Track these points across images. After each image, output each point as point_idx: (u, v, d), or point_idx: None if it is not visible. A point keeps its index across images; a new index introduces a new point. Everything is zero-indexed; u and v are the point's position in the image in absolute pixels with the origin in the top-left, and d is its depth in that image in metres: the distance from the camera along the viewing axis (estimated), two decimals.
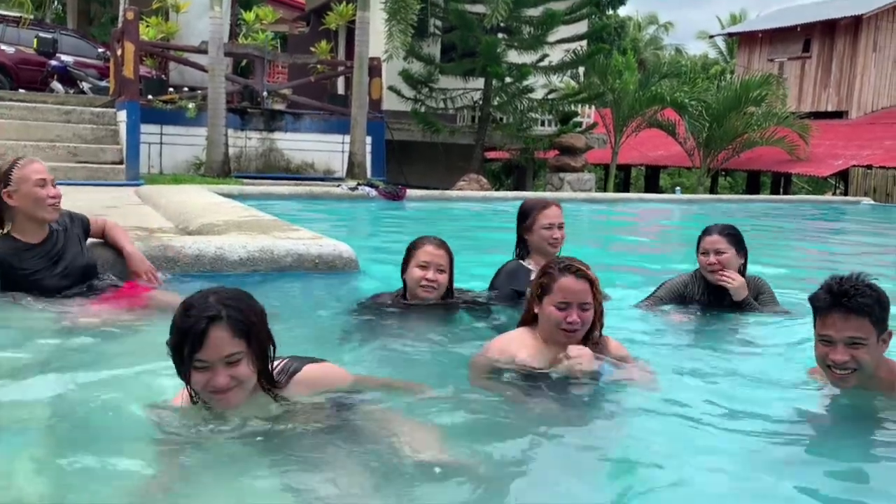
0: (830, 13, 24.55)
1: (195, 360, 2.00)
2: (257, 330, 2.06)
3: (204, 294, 2.05)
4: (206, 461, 2.02)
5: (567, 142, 17.06)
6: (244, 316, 2.04)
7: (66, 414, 2.36)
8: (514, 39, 17.03)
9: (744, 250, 3.91)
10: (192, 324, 1.98)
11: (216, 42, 12.28)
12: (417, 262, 3.50)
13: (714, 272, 3.85)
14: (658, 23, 41.48)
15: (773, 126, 19.99)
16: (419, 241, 3.58)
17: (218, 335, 1.98)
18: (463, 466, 2.01)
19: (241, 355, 2.02)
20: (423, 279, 3.48)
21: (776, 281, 4.21)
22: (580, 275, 2.72)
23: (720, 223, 4.00)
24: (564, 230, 3.96)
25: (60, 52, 15.54)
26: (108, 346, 3.13)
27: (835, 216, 13.80)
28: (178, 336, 2.01)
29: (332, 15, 15.99)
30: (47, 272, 3.58)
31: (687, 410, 2.55)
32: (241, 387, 2.05)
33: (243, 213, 6.07)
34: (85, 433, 2.22)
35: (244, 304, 2.07)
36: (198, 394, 2.09)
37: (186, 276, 4.18)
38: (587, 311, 2.72)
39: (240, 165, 13.41)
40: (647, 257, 7.09)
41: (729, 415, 2.57)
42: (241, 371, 2.03)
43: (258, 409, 2.15)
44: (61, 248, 3.66)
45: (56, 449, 2.14)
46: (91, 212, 4.21)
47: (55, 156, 11.46)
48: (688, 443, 2.32)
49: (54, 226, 3.68)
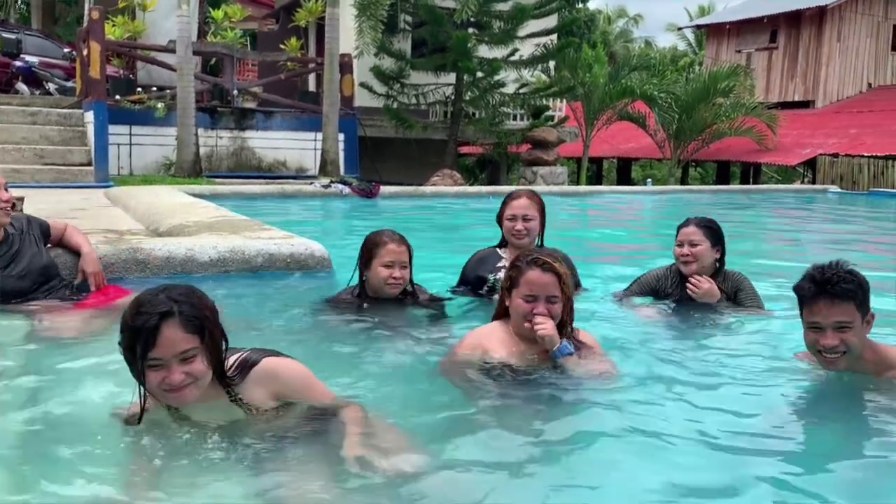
0: (795, 4, 24.88)
1: (149, 358, 1.96)
2: (210, 325, 2.03)
3: (153, 291, 2.01)
4: (165, 463, 2.01)
5: (539, 136, 17.14)
6: (196, 311, 2.00)
7: (32, 421, 2.34)
8: (485, 34, 17.06)
9: (720, 244, 3.86)
10: (144, 321, 1.94)
11: (184, 41, 12.15)
12: (382, 262, 3.52)
13: (686, 263, 3.85)
14: (628, 16, 41.75)
15: (742, 116, 20.25)
16: (378, 238, 3.58)
17: (171, 332, 1.95)
18: (431, 467, 2.02)
19: (195, 351, 1.99)
20: (389, 277, 3.52)
21: (751, 271, 4.21)
22: (546, 268, 2.74)
23: (699, 216, 3.96)
24: (536, 222, 3.94)
25: (25, 53, 15.29)
26: (75, 352, 3.10)
27: (803, 204, 14.02)
28: (129, 335, 1.97)
29: (302, 12, 15.89)
30: (3, 273, 3.54)
31: (653, 409, 2.57)
32: (196, 383, 2.02)
33: (214, 214, 6.03)
34: (51, 442, 2.21)
35: (195, 299, 2.03)
36: (150, 393, 2.05)
37: (157, 279, 4.16)
38: (555, 304, 2.74)
39: (211, 165, 13.29)
40: (619, 250, 7.17)
41: (699, 405, 2.61)
42: (196, 367, 2.00)
43: (215, 407, 2.12)
44: (16, 250, 3.62)
45: (24, 457, 2.12)
46: (60, 214, 4.17)
47: (21, 158, 11.29)
48: (657, 441, 2.32)
49: (9, 229, 3.65)
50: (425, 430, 2.33)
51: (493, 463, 2.13)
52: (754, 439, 2.35)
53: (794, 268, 3.14)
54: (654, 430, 2.37)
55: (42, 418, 2.37)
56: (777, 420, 2.53)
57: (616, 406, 2.55)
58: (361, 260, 3.61)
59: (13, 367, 2.84)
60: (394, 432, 2.22)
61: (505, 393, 2.61)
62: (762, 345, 3.35)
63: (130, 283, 4.00)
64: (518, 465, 2.12)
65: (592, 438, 2.32)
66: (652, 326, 3.69)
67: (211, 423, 2.13)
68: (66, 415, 2.39)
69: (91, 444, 2.15)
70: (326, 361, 2.93)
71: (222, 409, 2.14)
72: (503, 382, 2.68)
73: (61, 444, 2.15)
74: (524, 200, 3.96)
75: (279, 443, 2.09)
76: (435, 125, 17.49)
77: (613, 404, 2.57)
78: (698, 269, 3.85)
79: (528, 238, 3.92)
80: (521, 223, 3.92)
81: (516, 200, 3.96)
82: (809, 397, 2.80)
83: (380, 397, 2.58)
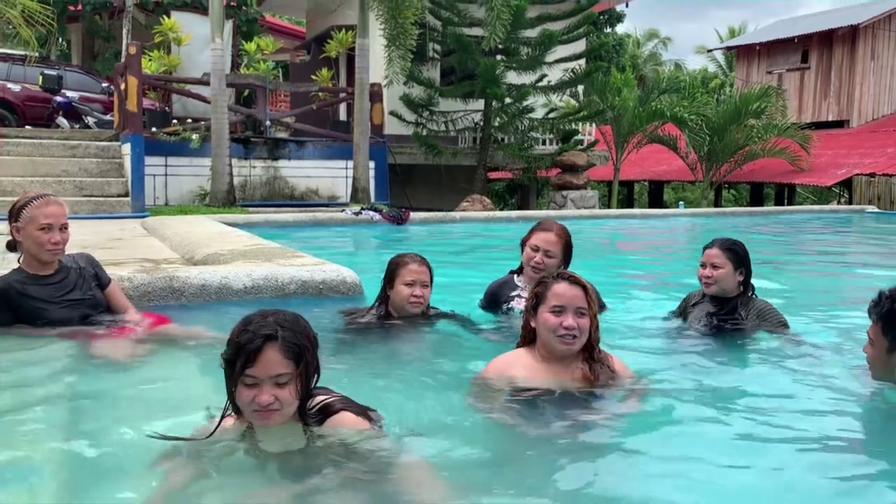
0: (827, 24, 24.69)
1: (245, 374, 2.06)
2: (308, 355, 2.13)
3: (263, 314, 2.13)
4: (226, 490, 2.05)
5: (569, 160, 17.13)
6: (298, 340, 2.10)
7: (79, 448, 2.38)
8: (513, 60, 17.16)
9: (743, 267, 3.82)
10: (249, 340, 2.05)
11: (218, 73, 12.42)
12: (404, 281, 3.71)
13: (708, 285, 3.84)
14: (658, 37, 41.71)
15: (775, 137, 20.04)
16: (401, 259, 3.79)
17: (271, 354, 2.05)
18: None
19: (288, 377, 2.08)
20: (411, 296, 3.70)
21: (787, 294, 4.15)
22: (573, 280, 2.74)
23: (724, 237, 3.94)
24: (556, 260, 3.92)
25: (65, 88, 15.75)
26: (122, 376, 3.16)
27: (841, 225, 13.78)
28: (233, 350, 2.08)
29: (333, 43, 16.16)
30: (54, 303, 3.61)
31: (681, 437, 2.54)
32: (282, 411, 2.09)
33: (248, 242, 6.12)
34: (98, 465, 2.25)
35: (299, 329, 2.14)
36: (239, 409, 2.13)
37: (192, 307, 4.23)
38: (583, 316, 2.71)
39: (244, 194, 13.50)
40: (652, 272, 7.11)
41: (730, 431, 2.56)
42: (285, 394, 2.08)
43: (287, 441, 2.18)
44: (70, 280, 3.70)
45: (69, 479, 2.16)
46: (98, 245, 4.26)
47: (62, 190, 11.59)
48: (685, 468, 2.28)
49: (66, 262, 3.74)
50: (453, 458, 2.33)
51: (520, 489, 2.11)
52: (793, 466, 2.30)
53: (840, 290, 3.10)
54: (682, 456, 2.33)
55: (88, 441, 2.41)
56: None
57: (645, 433, 2.52)
58: (386, 280, 3.79)
59: (60, 389, 2.89)
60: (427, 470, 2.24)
61: (531, 419, 2.59)
62: (792, 367, 3.31)
63: (171, 311, 4.07)
64: (545, 491, 2.10)
65: (622, 467, 2.28)
66: (676, 350, 3.66)
67: (276, 453, 2.16)
68: (109, 437, 2.44)
69: (135, 467, 2.19)
70: (357, 383, 2.95)
71: (289, 439, 2.18)
72: (529, 409, 2.64)
73: (107, 466, 2.20)
74: (552, 236, 3.97)
75: (341, 486, 2.10)
76: (464, 151, 17.58)
77: (642, 431, 2.53)
78: (718, 292, 3.83)
79: (543, 273, 3.93)
80: (542, 257, 3.93)
81: (544, 233, 3.98)
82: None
83: (407, 422, 2.58)
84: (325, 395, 2.24)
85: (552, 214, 12.80)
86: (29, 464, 2.18)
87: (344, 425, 2.19)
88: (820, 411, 2.77)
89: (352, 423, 2.21)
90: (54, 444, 2.34)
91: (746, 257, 3.86)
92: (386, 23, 13.41)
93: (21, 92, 15.83)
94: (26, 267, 3.65)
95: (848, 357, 3.38)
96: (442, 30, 17.00)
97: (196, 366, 3.33)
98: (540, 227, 4.02)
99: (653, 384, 2.95)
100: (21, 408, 2.65)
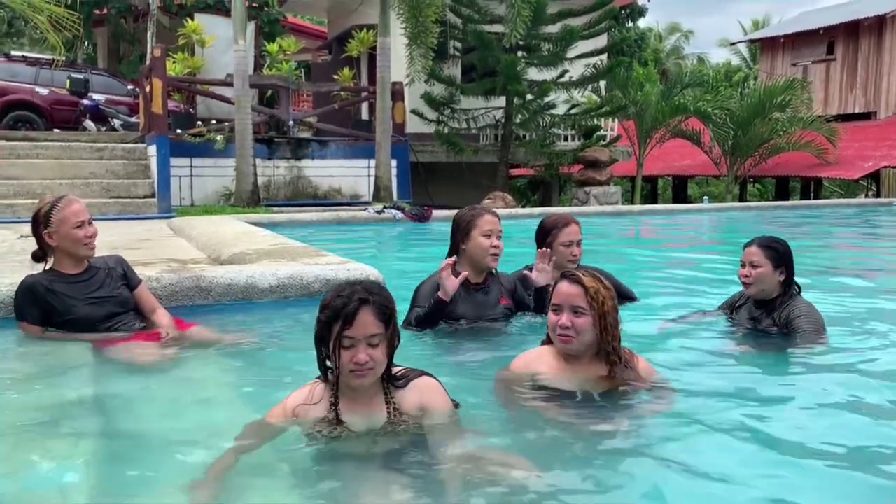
0: (853, 14, 24.31)
1: (343, 336, 2.21)
2: (394, 319, 2.30)
3: (351, 283, 2.32)
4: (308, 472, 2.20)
5: (591, 156, 17.07)
6: (388, 303, 2.29)
7: (111, 449, 2.43)
8: (534, 57, 17.12)
9: (784, 266, 3.67)
10: (345, 303, 2.22)
11: (241, 74, 12.52)
12: (482, 231, 3.61)
13: (747, 285, 3.74)
14: (680, 31, 41.33)
15: (800, 130, 19.79)
16: (473, 211, 3.68)
17: (366, 316, 2.22)
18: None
19: (380, 338, 2.24)
20: (490, 247, 3.62)
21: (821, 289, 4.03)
22: (574, 279, 2.73)
23: (765, 235, 3.80)
24: (582, 247, 4.03)
25: (92, 91, 15.98)
26: (147, 379, 3.21)
27: (869, 218, 13.58)
28: (330, 313, 2.23)
29: (354, 42, 16.23)
30: (80, 299, 3.66)
31: (705, 438, 2.50)
32: (375, 370, 2.26)
33: (273, 242, 6.18)
34: (131, 466, 2.30)
35: (386, 294, 2.33)
36: (333, 373, 2.29)
37: (219, 306, 4.29)
38: (580, 315, 2.67)
39: (269, 194, 13.62)
40: (675, 268, 7.06)
41: (754, 433, 2.53)
42: (378, 354, 2.25)
43: (367, 416, 2.33)
44: (98, 279, 3.77)
45: (103, 480, 2.21)
46: (126, 246, 4.32)
47: (90, 192, 11.76)
48: (708, 470, 2.25)
49: (95, 262, 3.81)
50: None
51: (543, 487, 2.12)
52: (820, 470, 2.27)
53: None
54: (705, 460, 2.30)
55: (119, 442, 2.46)
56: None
57: (668, 433, 2.50)
58: (459, 234, 3.65)
59: (91, 392, 2.94)
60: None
61: (552, 418, 2.59)
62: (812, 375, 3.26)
63: (195, 313, 4.13)
64: (565, 489, 2.10)
65: (644, 467, 2.27)
66: (707, 353, 3.60)
67: (358, 430, 2.32)
68: (140, 439, 2.49)
69: (164, 467, 2.24)
70: None
71: (371, 418, 2.34)
72: (550, 406, 2.65)
73: (139, 468, 2.25)
74: (576, 227, 4.05)
75: (411, 451, 2.27)
76: (486, 148, 17.57)
77: (666, 431, 2.52)
78: (758, 293, 3.73)
79: (578, 262, 3.98)
80: (577, 248, 4.00)
81: (570, 227, 4.05)
82: None
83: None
84: (397, 367, 2.40)
85: (574, 211, 12.75)
86: (63, 465, 2.23)
87: (428, 387, 2.39)
88: (851, 426, 2.66)
89: (435, 386, 2.41)
90: (87, 445, 2.39)
91: (787, 255, 3.71)
92: (407, 21, 13.45)
93: (49, 95, 16.08)
94: (57, 267, 3.72)
95: (882, 366, 3.30)
96: (462, 27, 16.99)
97: (219, 369, 3.39)
98: (564, 224, 4.04)
99: (676, 387, 2.90)
100: (54, 410, 2.71)
